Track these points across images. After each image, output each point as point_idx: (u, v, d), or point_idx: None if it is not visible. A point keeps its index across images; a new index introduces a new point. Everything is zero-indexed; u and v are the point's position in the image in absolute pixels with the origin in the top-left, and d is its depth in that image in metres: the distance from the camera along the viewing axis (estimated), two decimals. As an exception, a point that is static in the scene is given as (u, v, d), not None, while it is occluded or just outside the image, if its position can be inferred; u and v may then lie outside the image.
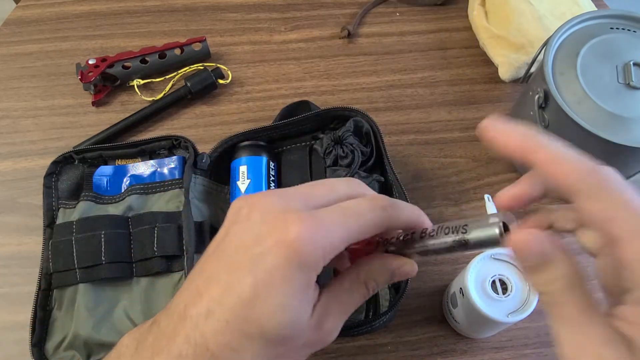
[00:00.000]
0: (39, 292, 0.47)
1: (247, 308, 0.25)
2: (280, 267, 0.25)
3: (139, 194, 0.52)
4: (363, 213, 0.27)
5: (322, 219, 0.26)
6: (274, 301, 0.25)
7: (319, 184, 0.29)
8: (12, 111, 0.64)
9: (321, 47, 0.70)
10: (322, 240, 0.25)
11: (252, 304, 0.25)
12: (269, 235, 0.25)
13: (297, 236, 0.25)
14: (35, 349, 0.45)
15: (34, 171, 0.59)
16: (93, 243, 0.48)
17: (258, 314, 0.25)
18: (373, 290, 0.30)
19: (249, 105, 0.65)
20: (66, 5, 0.73)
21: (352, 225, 0.27)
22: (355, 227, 0.27)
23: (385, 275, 0.30)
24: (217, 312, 0.25)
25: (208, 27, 0.71)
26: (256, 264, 0.25)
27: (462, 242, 0.27)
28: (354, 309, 0.29)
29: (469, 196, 0.58)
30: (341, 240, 0.26)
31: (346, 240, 0.26)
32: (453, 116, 0.64)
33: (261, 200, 0.27)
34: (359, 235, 0.27)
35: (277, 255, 0.25)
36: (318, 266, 0.25)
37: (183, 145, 0.54)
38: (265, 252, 0.25)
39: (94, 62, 0.64)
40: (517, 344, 0.50)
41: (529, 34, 0.63)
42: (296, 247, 0.24)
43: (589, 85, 0.48)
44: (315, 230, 0.25)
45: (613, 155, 0.48)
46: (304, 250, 0.25)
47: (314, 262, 0.25)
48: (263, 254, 0.25)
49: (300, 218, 0.25)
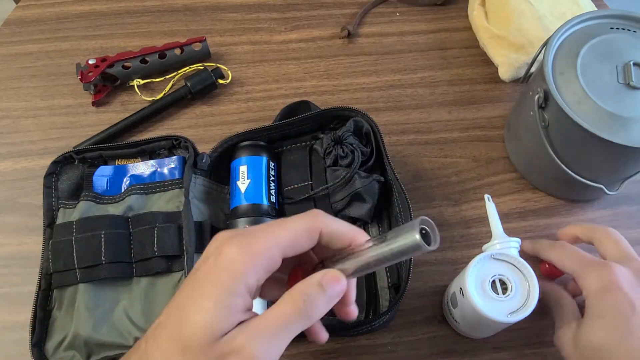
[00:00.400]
0: (39, 292, 0.48)
1: (180, 311, 0.28)
2: (209, 271, 0.28)
3: (139, 194, 0.52)
4: (292, 221, 0.30)
5: (251, 234, 0.30)
6: (196, 302, 0.28)
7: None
8: (12, 111, 0.64)
9: (321, 47, 0.70)
10: (247, 247, 0.29)
11: (182, 307, 0.28)
12: (209, 256, 0.30)
13: (226, 252, 0.29)
14: (35, 349, 0.45)
15: (34, 171, 0.59)
16: (93, 243, 0.48)
17: (184, 316, 0.28)
18: (308, 306, 0.29)
19: (249, 105, 0.65)
20: (66, 5, 0.73)
21: (281, 234, 0.30)
22: (284, 235, 0.30)
23: (314, 287, 0.30)
24: (163, 324, 0.29)
25: (208, 27, 0.71)
26: (195, 275, 0.29)
27: (386, 253, 0.29)
28: (291, 329, 0.29)
29: (469, 196, 0.58)
30: (271, 251, 0.29)
31: (278, 248, 0.29)
32: (453, 116, 0.64)
33: (219, 234, 0.31)
34: (290, 242, 0.30)
35: (210, 264, 0.29)
36: (246, 274, 0.28)
37: (183, 145, 0.54)
38: (200, 269, 0.29)
39: (94, 62, 0.64)
40: (517, 344, 0.50)
41: (529, 34, 0.63)
42: (224, 256, 0.28)
43: (589, 85, 0.48)
44: (241, 245, 0.29)
45: (613, 155, 0.49)
46: (230, 258, 0.28)
47: (241, 269, 0.28)
48: (199, 270, 0.29)
49: (234, 239, 0.29)
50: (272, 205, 0.52)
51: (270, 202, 0.52)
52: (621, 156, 0.49)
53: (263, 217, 0.50)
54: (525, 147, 0.57)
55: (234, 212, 0.51)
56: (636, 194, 0.58)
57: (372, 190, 0.51)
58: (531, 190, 0.59)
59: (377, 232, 0.53)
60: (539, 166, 0.57)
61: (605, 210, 0.58)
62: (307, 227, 0.30)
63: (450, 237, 0.55)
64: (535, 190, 0.59)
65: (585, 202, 0.58)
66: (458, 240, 0.55)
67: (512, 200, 0.58)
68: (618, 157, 0.49)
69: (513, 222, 0.57)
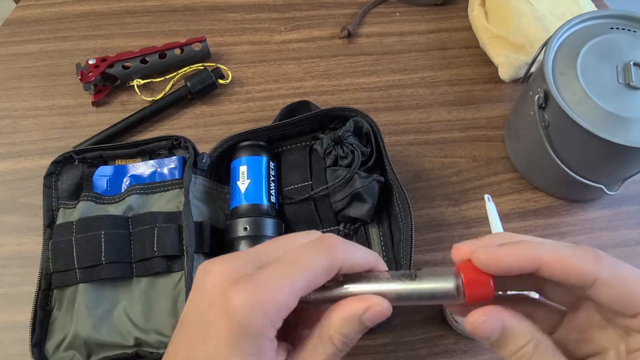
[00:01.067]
0: (39, 292, 0.47)
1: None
2: (226, 337, 0.24)
3: (139, 194, 0.52)
4: (308, 259, 0.26)
5: (262, 280, 0.25)
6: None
7: (280, 238, 0.28)
8: (12, 111, 0.64)
9: (321, 47, 0.70)
10: (262, 304, 0.24)
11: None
12: (216, 304, 0.25)
13: (236, 304, 0.24)
14: (35, 349, 0.45)
15: (34, 171, 0.59)
16: (93, 243, 0.48)
17: None
18: (344, 345, 0.26)
19: (249, 105, 0.65)
20: (66, 5, 0.73)
21: (297, 278, 0.25)
22: (300, 278, 0.25)
23: (353, 325, 0.26)
24: None
25: (208, 27, 0.71)
26: (207, 333, 0.25)
27: (413, 291, 0.26)
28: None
29: (469, 196, 0.58)
30: (287, 297, 0.25)
31: (293, 295, 0.25)
32: (453, 116, 0.64)
33: (214, 267, 0.26)
34: (308, 284, 0.25)
35: (222, 325, 0.24)
36: (264, 331, 0.25)
37: (183, 145, 0.54)
38: (213, 321, 0.25)
39: (94, 62, 0.64)
40: (517, 344, 0.50)
41: (529, 34, 0.63)
42: (236, 316, 0.24)
43: (589, 85, 0.48)
44: (253, 294, 0.24)
45: (613, 155, 0.48)
46: (245, 319, 0.24)
47: (258, 328, 0.24)
48: (212, 322, 0.25)
49: (241, 284, 0.25)
50: (272, 205, 0.52)
51: (270, 202, 0.52)
52: (621, 156, 0.49)
53: (263, 217, 0.50)
54: (525, 147, 0.57)
55: (234, 212, 0.51)
56: (636, 194, 0.58)
57: (372, 190, 0.51)
58: (531, 190, 0.59)
59: (377, 232, 0.53)
60: (539, 166, 0.57)
61: (605, 210, 0.58)
62: (327, 267, 0.26)
63: (450, 237, 0.55)
64: (535, 190, 0.59)
65: (585, 202, 0.58)
66: (458, 240, 0.55)
67: (512, 200, 0.58)
68: (618, 157, 0.49)
69: (513, 222, 0.57)
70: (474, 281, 0.25)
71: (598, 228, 0.57)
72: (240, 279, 0.25)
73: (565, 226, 0.56)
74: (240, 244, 0.49)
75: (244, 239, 0.49)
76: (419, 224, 0.56)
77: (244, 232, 0.49)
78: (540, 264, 0.24)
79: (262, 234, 0.49)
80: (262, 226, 0.50)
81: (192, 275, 0.47)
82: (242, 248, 0.49)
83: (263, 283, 0.25)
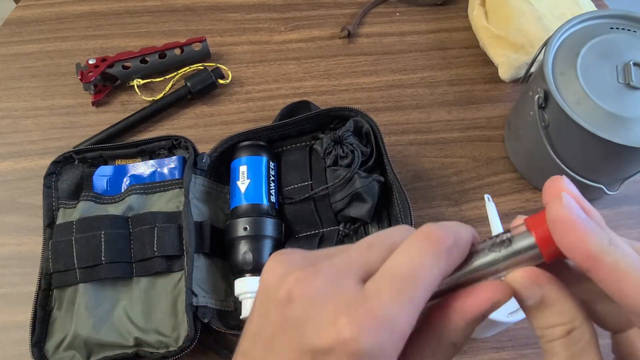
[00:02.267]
0: (39, 292, 0.48)
1: None
2: None
3: (139, 194, 0.52)
4: (425, 272, 0.21)
5: (379, 307, 0.20)
6: None
7: (377, 245, 0.23)
8: (12, 111, 0.64)
9: (321, 47, 0.70)
10: (386, 337, 0.19)
11: None
12: (321, 336, 0.20)
13: (354, 341, 0.19)
14: (35, 349, 0.45)
15: (34, 171, 0.59)
16: (93, 243, 0.48)
17: None
18: (462, 345, 0.22)
19: (249, 105, 0.65)
20: (66, 5, 0.73)
21: (415, 297, 0.20)
22: (419, 296, 0.20)
23: (478, 322, 0.22)
24: None
25: (208, 27, 0.71)
26: None
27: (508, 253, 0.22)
28: None
29: (469, 196, 0.58)
30: (409, 321, 0.20)
31: (414, 315, 0.20)
32: (453, 116, 0.64)
33: (303, 282, 0.21)
34: (426, 299, 0.21)
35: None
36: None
37: (183, 145, 0.54)
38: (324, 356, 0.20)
39: (94, 62, 0.64)
40: (517, 344, 0.50)
41: (529, 34, 0.63)
42: (355, 352, 0.19)
43: (589, 85, 0.48)
44: (374, 328, 0.19)
45: (613, 155, 0.48)
46: (367, 355, 0.19)
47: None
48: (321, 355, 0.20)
49: (352, 313, 0.20)
50: (272, 205, 0.52)
51: (270, 202, 0.52)
52: (621, 156, 0.49)
53: (263, 217, 0.50)
54: (525, 147, 0.57)
55: (234, 212, 0.51)
56: (636, 194, 0.58)
57: (372, 190, 0.51)
58: (531, 190, 0.59)
59: (377, 232, 0.53)
60: (539, 166, 0.57)
61: (605, 210, 0.58)
62: (444, 270, 0.21)
63: (450, 237, 0.55)
64: (535, 190, 0.59)
65: (585, 202, 0.58)
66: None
67: (512, 200, 0.58)
68: (618, 157, 0.49)
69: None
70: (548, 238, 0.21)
71: (598, 228, 0.56)
72: (346, 304, 0.20)
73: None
74: (240, 244, 0.49)
75: (244, 239, 0.49)
76: (419, 224, 0.56)
77: (244, 232, 0.49)
78: (592, 264, 0.20)
79: (262, 234, 0.49)
80: (262, 226, 0.50)
81: (192, 275, 0.47)
82: (242, 248, 0.49)
83: (382, 310, 0.20)
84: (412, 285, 0.20)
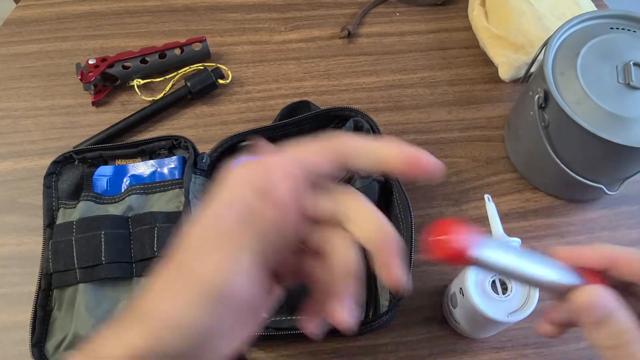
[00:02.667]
0: (39, 292, 0.48)
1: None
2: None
3: (139, 194, 0.52)
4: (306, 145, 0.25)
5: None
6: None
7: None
8: (12, 111, 0.64)
9: (321, 47, 0.70)
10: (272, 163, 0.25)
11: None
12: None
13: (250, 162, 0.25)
14: (35, 349, 0.45)
15: (34, 171, 0.59)
16: (93, 243, 0.48)
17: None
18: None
19: (249, 105, 0.65)
20: (66, 5, 0.73)
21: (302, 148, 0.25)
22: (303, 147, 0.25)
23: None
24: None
25: (208, 27, 0.71)
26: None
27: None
28: None
29: (469, 196, 0.58)
30: (293, 159, 0.24)
31: (298, 159, 0.24)
32: (453, 116, 0.64)
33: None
34: (313, 154, 0.25)
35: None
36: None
37: (183, 145, 0.54)
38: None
39: (94, 62, 0.64)
40: (517, 344, 0.50)
41: (529, 34, 0.63)
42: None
43: (589, 85, 0.48)
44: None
45: (613, 155, 0.49)
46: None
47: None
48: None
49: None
50: (272, 205, 0.52)
51: (270, 202, 0.52)
52: (621, 156, 0.49)
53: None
54: (525, 147, 0.57)
55: (234, 212, 0.51)
56: (636, 194, 0.58)
57: (372, 191, 0.51)
58: (531, 190, 0.59)
59: None
60: (539, 166, 0.57)
61: (605, 210, 0.58)
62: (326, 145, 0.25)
63: (450, 237, 0.55)
64: (535, 190, 0.59)
65: (585, 202, 0.58)
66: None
67: (512, 200, 0.58)
68: (618, 157, 0.49)
69: (513, 222, 0.57)
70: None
71: (598, 228, 0.57)
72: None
73: (565, 226, 0.56)
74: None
75: (244, 239, 0.49)
76: (419, 224, 0.56)
77: (244, 232, 0.49)
78: (611, 261, 0.26)
79: (262, 234, 0.49)
80: (262, 226, 0.50)
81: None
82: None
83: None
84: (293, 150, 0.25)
